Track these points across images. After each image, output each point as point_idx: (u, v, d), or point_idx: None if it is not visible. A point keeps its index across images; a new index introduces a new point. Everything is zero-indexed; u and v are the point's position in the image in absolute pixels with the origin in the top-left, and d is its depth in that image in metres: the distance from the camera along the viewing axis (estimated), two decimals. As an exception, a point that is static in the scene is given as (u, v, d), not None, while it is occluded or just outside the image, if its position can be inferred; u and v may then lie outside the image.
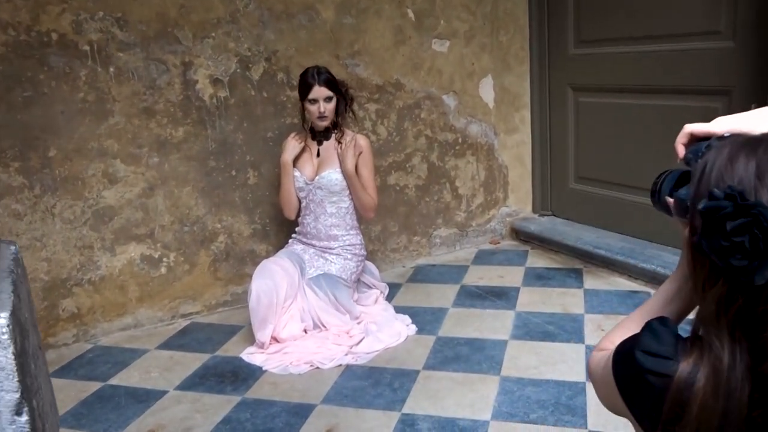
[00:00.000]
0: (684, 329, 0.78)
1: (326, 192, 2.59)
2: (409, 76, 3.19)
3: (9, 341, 0.81)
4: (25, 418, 0.85)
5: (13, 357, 0.81)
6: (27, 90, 2.47)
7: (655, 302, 0.88)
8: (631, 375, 0.74)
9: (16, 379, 0.82)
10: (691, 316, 0.81)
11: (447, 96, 3.33)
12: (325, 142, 2.64)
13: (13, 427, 0.83)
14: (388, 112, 3.19)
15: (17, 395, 0.83)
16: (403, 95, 3.20)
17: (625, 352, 0.77)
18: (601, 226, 3.24)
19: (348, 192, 2.57)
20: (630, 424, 0.80)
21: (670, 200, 0.83)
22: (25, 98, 2.47)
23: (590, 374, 0.91)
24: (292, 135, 2.63)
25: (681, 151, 0.87)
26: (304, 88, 2.51)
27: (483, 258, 3.36)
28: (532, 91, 3.53)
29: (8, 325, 0.83)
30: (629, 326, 0.87)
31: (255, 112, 2.88)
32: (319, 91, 2.49)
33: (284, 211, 2.68)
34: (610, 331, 0.93)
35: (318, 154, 2.64)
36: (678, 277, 0.86)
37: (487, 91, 3.44)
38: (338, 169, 2.57)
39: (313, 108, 2.52)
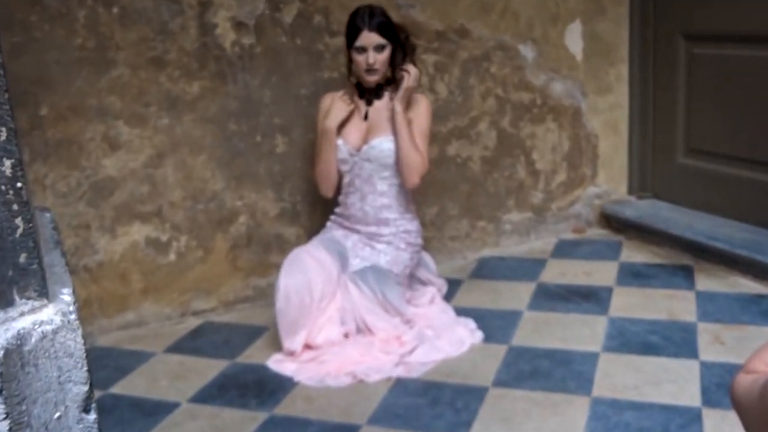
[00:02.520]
0: None
1: (377, 165, 2.59)
2: (477, 20, 3.19)
3: (78, 322, 0.83)
4: (93, 416, 0.86)
5: (82, 342, 0.83)
6: (16, 34, 2.50)
7: None
8: None
9: (85, 368, 0.83)
10: None
11: (524, 46, 3.32)
12: (376, 103, 2.64)
13: (81, 426, 0.84)
14: (450, 66, 3.19)
15: (86, 388, 0.84)
16: (468, 44, 3.20)
17: None
18: (717, 212, 3.22)
19: None
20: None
21: None
22: (14, 44, 2.51)
23: (736, 404, 0.88)
24: (339, 94, 2.64)
25: None
26: (352, 32, 2.53)
27: (565, 250, 3.37)
28: (631, 40, 3.48)
29: (75, 302, 0.85)
30: None
31: (286, 64, 2.91)
32: (369, 38, 2.49)
33: (320, 188, 2.70)
34: (762, 349, 0.90)
35: (366, 117, 2.64)
36: None
37: (574, 39, 3.42)
38: (391, 136, 2.58)
39: (360, 58, 2.52)
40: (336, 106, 2.59)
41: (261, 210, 2.97)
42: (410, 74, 2.55)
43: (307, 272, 2.41)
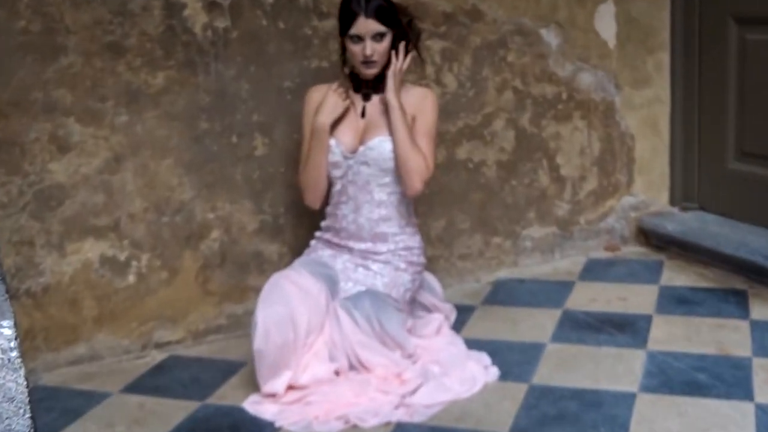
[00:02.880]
0: None
1: (376, 169, 2.59)
2: None
3: (20, 361, 0.81)
4: None
5: (25, 384, 0.82)
6: (-56, 16, 2.52)
7: None
8: None
9: (28, 414, 0.82)
10: None
11: (546, 30, 3.32)
12: (374, 97, 2.64)
13: None
14: (460, 54, 3.18)
15: (29, 435, 0.83)
16: (481, 28, 3.20)
17: None
18: (776, 227, 3.23)
19: None
20: None
21: None
22: (-58, 28, 2.52)
23: None
24: (332, 86, 2.62)
25: None
26: (346, 17, 2.52)
27: (595, 271, 3.36)
28: (673, 23, 3.48)
29: (16, 338, 0.83)
30: None
31: (267, 52, 2.90)
32: (366, 25, 2.48)
33: (306, 196, 2.69)
34: None
35: (363, 114, 2.63)
36: None
37: (606, 22, 3.42)
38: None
39: (356, 49, 2.52)
40: (328, 100, 2.57)
41: (237, 223, 2.96)
42: (397, 57, 2.54)
43: (289, 303, 2.39)
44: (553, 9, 3.30)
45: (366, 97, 2.63)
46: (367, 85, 2.61)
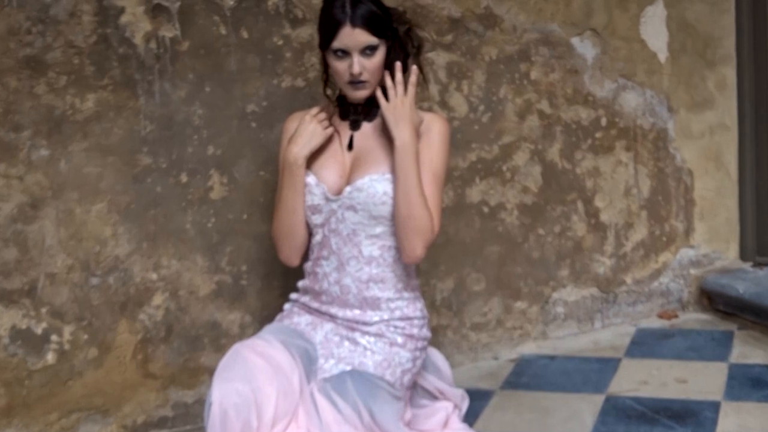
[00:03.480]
0: None
1: (364, 216, 2.54)
2: (510, 1, 3.21)
3: None
4: None
5: None
6: None
7: None
8: None
9: None
10: None
11: (580, 39, 3.36)
12: (364, 126, 2.62)
13: None
14: (471, 70, 3.20)
15: None
16: (497, 37, 3.21)
17: None
18: None
19: None
20: None
21: None
22: None
23: None
24: (312, 111, 2.63)
25: None
26: (328, 27, 2.48)
27: (647, 345, 3.34)
28: (739, 30, 3.54)
29: None
30: None
31: (226, 67, 2.92)
32: (353, 37, 2.45)
33: (280, 251, 2.66)
34: None
35: (350, 146, 2.63)
36: None
37: (655, 29, 3.46)
38: (388, 174, 2.53)
39: (341, 66, 2.50)
40: (306, 127, 2.55)
41: (187, 286, 2.96)
42: (393, 77, 2.51)
43: (253, 380, 2.31)
44: (587, 13, 3.34)
45: (354, 125, 2.61)
46: (355, 110, 2.60)
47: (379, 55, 2.50)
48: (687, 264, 3.60)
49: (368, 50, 2.47)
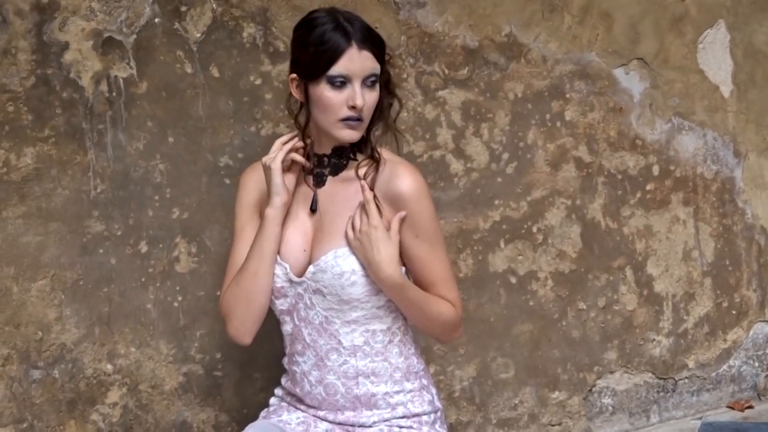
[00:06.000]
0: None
1: (334, 300, 2.43)
2: (538, 26, 3.20)
3: None
4: None
5: None
6: None
7: None
8: None
9: None
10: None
11: (624, 70, 3.33)
12: (330, 182, 2.49)
13: None
14: (492, 109, 3.17)
15: None
16: (523, 70, 3.20)
17: None
18: None
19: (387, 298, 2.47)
20: None
21: None
22: None
23: None
24: (281, 140, 2.49)
25: None
26: (325, 50, 2.37)
27: None
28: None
29: None
30: None
31: (193, 113, 2.86)
32: (359, 61, 2.34)
33: (229, 320, 2.51)
34: None
35: (313, 208, 2.47)
36: None
37: (716, 57, 3.45)
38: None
39: (337, 98, 2.36)
40: (274, 172, 2.42)
41: (149, 378, 2.88)
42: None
43: None
44: (633, 39, 3.31)
45: (318, 181, 2.48)
46: (321, 162, 2.48)
47: (377, 90, 2.41)
48: (763, 342, 3.55)
49: (371, 80, 2.38)
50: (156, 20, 2.75)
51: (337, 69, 2.32)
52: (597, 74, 3.24)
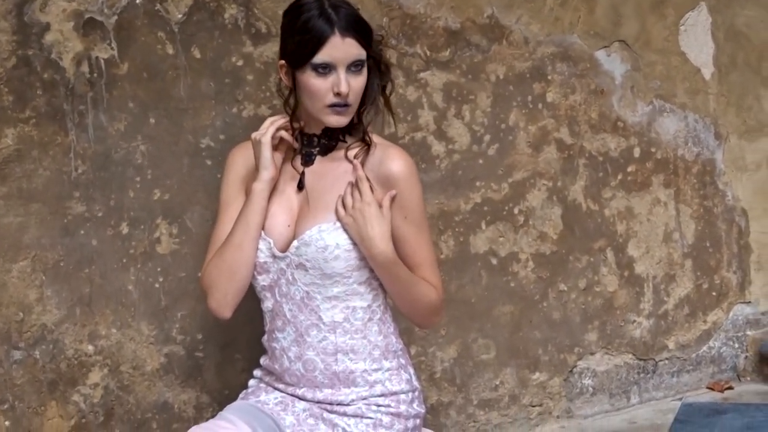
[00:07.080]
0: None
1: (316, 275, 2.47)
2: (520, 8, 3.23)
3: None
4: None
5: None
6: None
7: None
8: None
9: None
10: None
11: (606, 52, 3.36)
12: (318, 161, 2.55)
13: None
14: (473, 91, 3.19)
15: None
16: (505, 52, 3.23)
17: None
18: None
19: (370, 271, 2.50)
20: None
21: None
22: None
23: None
24: (272, 119, 2.54)
25: None
26: (309, 38, 2.42)
27: (695, 422, 3.29)
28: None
29: None
30: None
31: (174, 94, 2.86)
32: (343, 48, 2.39)
33: (210, 293, 2.55)
34: None
35: (300, 186, 2.51)
36: None
37: (698, 39, 3.48)
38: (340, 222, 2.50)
39: (322, 85, 2.41)
40: (264, 146, 2.47)
41: (130, 359, 2.88)
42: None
43: None
44: (615, 21, 3.34)
45: (307, 160, 2.52)
46: (310, 142, 2.53)
47: (364, 75, 2.46)
48: (742, 324, 3.59)
49: (356, 66, 2.44)
50: (137, 1, 2.76)
51: (320, 57, 2.38)
52: (579, 56, 3.27)
